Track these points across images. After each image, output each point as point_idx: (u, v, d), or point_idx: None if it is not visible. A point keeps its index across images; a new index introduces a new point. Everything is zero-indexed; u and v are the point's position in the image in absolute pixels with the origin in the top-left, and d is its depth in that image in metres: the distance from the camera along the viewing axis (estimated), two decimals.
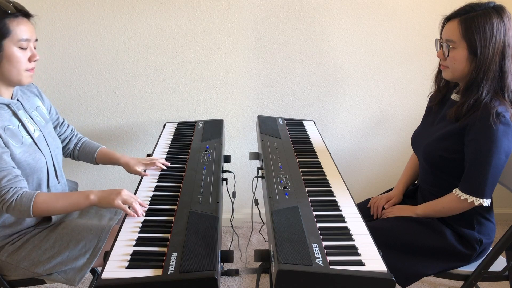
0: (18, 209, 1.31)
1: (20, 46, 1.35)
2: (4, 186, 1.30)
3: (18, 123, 1.43)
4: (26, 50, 1.37)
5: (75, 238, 1.46)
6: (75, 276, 1.45)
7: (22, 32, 1.35)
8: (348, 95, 2.40)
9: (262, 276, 2.16)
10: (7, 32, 1.32)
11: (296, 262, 1.06)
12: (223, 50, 2.28)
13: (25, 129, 1.44)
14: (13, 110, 1.43)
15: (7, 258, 1.45)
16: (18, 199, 1.31)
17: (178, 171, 1.62)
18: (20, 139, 1.41)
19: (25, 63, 1.38)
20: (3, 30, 1.31)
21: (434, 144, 1.50)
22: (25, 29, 1.35)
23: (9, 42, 1.33)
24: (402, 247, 1.49)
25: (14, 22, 1.33)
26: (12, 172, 1.33)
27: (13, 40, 1.33)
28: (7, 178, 1.31)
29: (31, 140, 1.45)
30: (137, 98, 2.34)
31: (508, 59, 1.37)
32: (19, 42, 1.34)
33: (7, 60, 1.34)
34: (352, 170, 2.57)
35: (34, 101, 1.56)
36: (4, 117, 1.39)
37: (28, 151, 1.42)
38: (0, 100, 1.39)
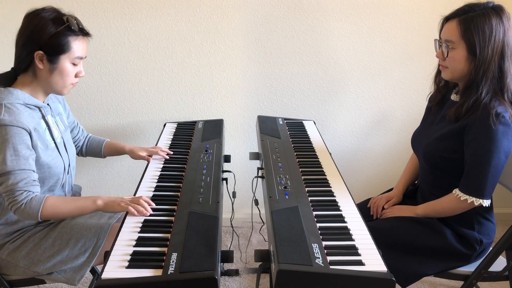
0: (27, 212, 1.33)
1: (74, 63, 1.42)
2: (20, 187, 1.32)
3: (45, 127, 1.47)
4: (76, 66, 1.43)
5: (74, 236, 1.47)
6: (75, 275, 1.45)
7: (79, 50, 1.41)
8: (348, 95, 2.40)
9: (262, 276, 2.16)
10: (67, 49, 1.38)
11: (296, 262, 1.06)
12: (223, 50, 2.28)
13: (50, 133, 1.48)
14: (43, 113, 1.47)
15: (7, 257, 1.46)
16: (28, 203, 1.32)
17: (178, 171, 1.62)
18: (46, 142, 1.44)
19: (73, 78, 1.44)
20: (65, 46, 1.37)
21: (434, 144, 1.50)
22: (82, 48, 1.42)
23: (66, 58, 1.39)
24: (402, 247, 1.49)
25: (76, 41, 1.40)
26: (32, 175, 1.35)
27: (70, 56, 1.40)
28: (25, 181, 1.33)
29: (54, 145, 1.49)
30: (137, 98, 2.34)
31: (508, 59, 1.37)
32: (74, 59, 1.41)
33: (59, 73, 1.40)
34: (352, 170, 2.57)
35: (58, 107, 1.60)
36: (34, 119, 1.42)
37: (51, 155, 1.45)
38: (35, 102, 1.42)
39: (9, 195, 1.32)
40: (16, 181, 1.32)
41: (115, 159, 2.44)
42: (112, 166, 2.47)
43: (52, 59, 1.37)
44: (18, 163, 1.32)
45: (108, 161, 2.45)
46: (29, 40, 1.36)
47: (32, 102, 1.41)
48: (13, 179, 1.31)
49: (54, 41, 1.36)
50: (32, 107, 1.42)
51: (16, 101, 1.37)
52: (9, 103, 1.35)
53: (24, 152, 1.33)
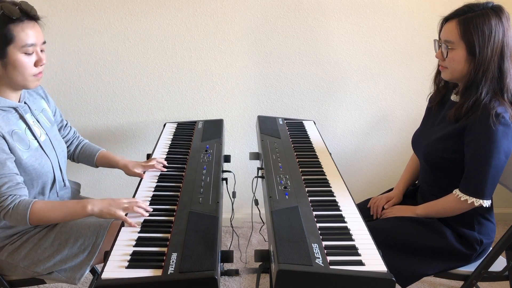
0: (14, 217, 1.30)
1: (25, 52, 1.31)
2: (4, 193, 1.29)
3: (25, 126, 1.41)
4: (31, 55, 1.33)
5: (73, 235, 1.46)
6: (75, 274, 1.45)
7: (27, 37, 1.30)
8: (348, 95, 2.40)
9: (262, 276, 2.16)
10: (11, 38, 1.28)
11: (296, 262, 1.06)
12: (223, 50, 2.28)
13: (31, 133, 1.43)
14: (20, 113, 1.41)
15: (7, 258, 1.45)
16: (15, 207, 1.29)
17: (178, 171, 1.62)
18: (27, 143, 1.39)
19: (31, 68, 1.34)
20: (7, 36, 1.27)
21: (434, 144, 1.50)
22: (30, 34, 1.31)
23: (14, 48, 1.29)
24: (402, 247, 1.49)
25: (19, 27, 1.29)
26: (14, 179, 1.31)
27: (17, 46, 1.29)
28: (8, 185, 1.29)
29: (38, 144, 1.44)
30: (137, 98, 2.34)
31: (507, 59, 1.37)
32: (23, 48, 1.30)
33: (12, 66, 1.31)
34: (352, 170, 2.57)
35: (40, 104, 1.54)
36: (11, 121, 1.37)
37: (34, 156, 1.41)
38: (8, 104, 1.37)
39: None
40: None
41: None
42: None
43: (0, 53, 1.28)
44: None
45: None
46: None
47: (4, 104, 1.35)
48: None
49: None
50: (6, 108, 1.36)
51: None
52: None
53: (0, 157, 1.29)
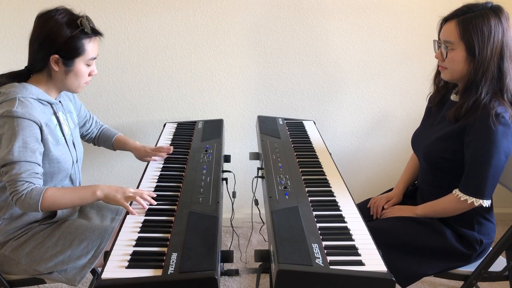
0: (27, 202, 1.34)
1: (88, 64, 1.44)
2: (23, 178, 1.34)
3: (56, 123, 1.49)
4: (90, 67, 1.46)
5: (78, 237, 1.47)
6: (76, 275, 1.45)
7: (93, 52, 1.44)
8: (348, 95, 2.40)
9: (262, 276, 2.16)
10: (82, 52, 1.40)
11: (296, 262, 1.06)
12: (223, 50, 2.28)
13: (61, 129, 1.50)
14: (55, 110, 1.49)
15: (10, 253, 1.46)
16: (28, 193, 1.33)
17: (178, 171, 1.62)
18: (57, 138, 1.47)
19: (86, 77, 1.47)
20: (80, 49, 1.40)
21: (434, 145, 1.50)
22: (95, 48, 1.44)
23: (81, 60, 1.42)
24: (402, 247, 1.49)
25: (89, 42, 1.42)
26: (35, 168, 1.36)
27: (85, 58, 1.42)
28: (29, 172, 1.34)
29: (64, 141, 1.51)
30: (137, 98, 2.34)
31: (507, 59, 1.37)
32: (88, 61, 1.43)
33: (74, 75, 1.43)
34: (352, 170, 2.57)
35: (68, 105, 1.62)
36: (46, 114, 1.44)
37: (61, 151, 1.47)
38: (47, 99, 1.45)
39: (11, 184, 1.33)
40: (20, 171, 1.33)
41: (115, 158, 2.44)
42: (112, 166, 2.47)
43: (68, 62, 1.40)
44: (24, 155, 1.33)
45: (108, 161, 2.45)
46: (44, 44, 1.37)
47: (45, 98, 1.44)
48: (17, 169, 1.33)
49: (69, 45, 1.38)
50: (45, 103, 1.45)
51: (30, 96, 1.39)
52: (23, 97, 1.37)
53: (32, 145, 1.35)
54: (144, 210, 1.36)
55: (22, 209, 1.38)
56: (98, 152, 2.40)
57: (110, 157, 2.44)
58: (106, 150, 1.88)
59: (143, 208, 1.37)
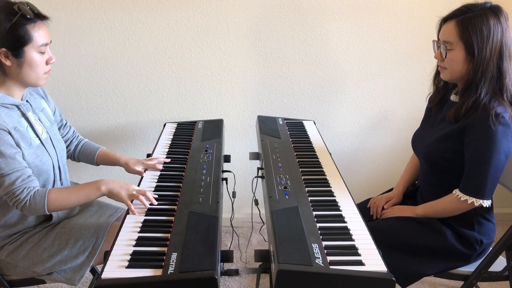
0: (33, 207, 1.33)
1: (40, 51, 1.36)
2: (19, 186, 1.32)
3: (27, 124, 1.43)
4: (44, 54, 1.38)
5: (73, 236, 1.47)
6: (75, 275, 1.45)
7: (42, 37, 1.35)
8: (348, 95, 2.40)
9: (262, 276, 2.16)
10: (29, 39, 1.32)
11: (296, 262, 1.06)
12: (223, 50, 2.28)
13: (33, 130, 1.44)
14: (23, 111, 1.42)
15: (6, 257, 1.46)
16: (32, 199, 1.33)
17: (178, 171, 1.62)
18: (29, 140, 1.41)
19: (44, 66, 1.39)
20: (25, 37, 1.32)
21: (434, 145, 1.50)
22: (43, 34, 1.36)
23: (30, 48, 1.34)
24: (402, 247, 1.49)
25: (35, 28, 1.33)
26: (25, 172, 1.34)
27: (34, 46, 1.34)
28: (21, 178, 1.32)
29: (39, 141, 1.45)
30: (137, 98, 2.34)
31: (506, 59, 1.37)
32: (39, 47, 1.35)
33: (28, 65, 1.35)
34: (352, 170, 2.57)
35: (40, 103, 1.55)
36: (13, 118, 1.39)
37: (36, 153, 1.42)
38: (11, 101, 1.38)
39: (10, 196, 1.32)
40: (12, 181, 1.31)
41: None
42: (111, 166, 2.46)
43: (17, 53, 1.32)
44: (7, 164, 1.30)
45: None
46: None
47: (8, 101, 1.37)
48: (8, 180, 1.31)
49: (12, 35, 1.30)
50: (9, 106, 1.38)
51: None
52: None
53: (9, 151, 1.31)
54: (145, 209, 1.36)
55: (29, 214, 1.38)
56: None
57: None
58: None
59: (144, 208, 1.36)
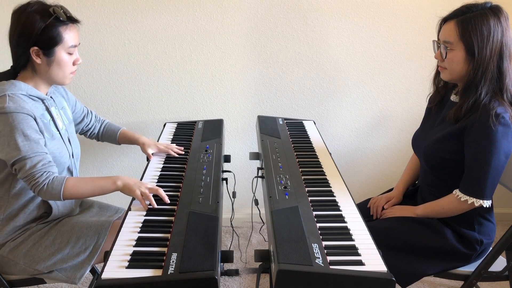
0: (49, 192, 1.36)
1: (69, 52, 1.44)
2: (40, 169, 1.35)
3: (49, 118, 1.49)
4: (72, 55, 1.46)
5: (75, 235, 1.48)
6: (76, 273, 1.46)
7: (72, 39, 1.43)
8: (348, 95, 2.40)
9: (262, 276, 2.16)
10: (60, 40, 1.40)
11: (296, 262, 1.06)
12: (223, 50, 2.28)
13: (54, 124, 1.51)
14: (47, 105, 1.49)
15: (8, 254, 1.46)
16: (50, 183, 1.36)
17: (178, 171, 1.62)
18: (51, 132, 1.47)
19: (71, 66, 1.46)
20: (57, 38, 1.39)
21: (434, 145, 1.50)
22: (74, 36, 1.44)
23: (61, 49, 1.41)
24: (402, 247, 1.49)
25: (66, 29, 1.41)
26: (46, 157, 1.38)
27: (64, 46, 1.41)
28: (42, 163, 1.36)
29: (59, 135, 1.51)
30: (137, 98, 2.35)
31: (506, 59, 1.37)
32: (68, 49, 1.43)
33: (57, 65, 1.42)
34: (352, 170, 2.57)
35: (61, 102, 1.62)
36: (38, 110, 1.45)
37: (56, 145, 1.48)
38: (37, 94, 1.45)
39: (30, 179, 1.35)
40: (33, 164, 1.35)
41: (115, 158, 2.44)
42: (112, 166, 2.47)
43: (48, 52, 1.40)
44: (31, 147, 1.35)
45: (108, 160, 2.45)
46: (21, 38, 1.37)
47: (34, 94, 1.44)
48: (30, 163, 1.34)
49: (45, 35, 1.37)
50: (35, 98, 1.45)
51: (19, 92, 1.40)
52: (13, 93, 1.38)
53: (34, 136, 1.36)
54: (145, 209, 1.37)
55: (44, 198, 1.42)
56: (98, 152, 2.40)
57: (110, 156, 2.44)
58: (106, 149, 1.88)
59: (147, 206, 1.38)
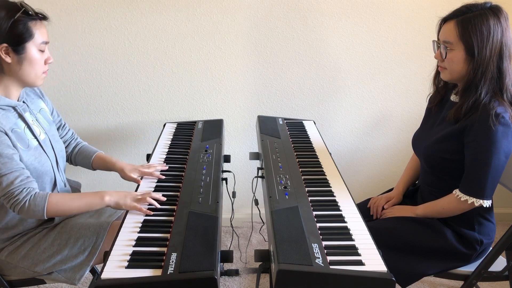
0: (32, 209, 1.30)
1: (40, 49, 1.37)
2: (18, 186, 1.29)
3: (24, 125, 1.41)
4: (44, 53, 1.39)
5: (73, 236, 1.46)
6: (75, 274, 1.45)
7: (42, 35, 1.37)
8: (348, 95, 2.40)
9: (262, 276, 2.16)
10: (30, 35, 1.33)
11: (296, 262, 1.06)
12: (223, 50, 2.28)
13: (31, 131, 1.43)
14: (19, 112, 1.41)
15: (7, 258, 1.45)
16: (32, 200, 1.29)
17: (178, 171, 1.62)
18: (26, 142, 1.39)
19: (43, 65, 1.40)
20: (28, 33, 1.33)
21: (434, 145, 1.50)
22: (44, 32, 1.38)
23: (32, 45, 1.35)
24: (402, 247, 1.49)
25: (36, 25, 1.35)
26: (24, 172, 1.32)
27: (35, 43, 1.35)
28: (20, 179, 1.30)
29: (37, 143, 1.44)
30: (137, 98, 2.34)
31: (506, 59, 1.37)
32: (40, 45, 1.36)
33: (29, 63, 1.36)
34: (352, 170, 2.57)
35: (37, 103, 1.54)
36: (10, 119, 1.37)
37: (34, 155, 1.40)
38: (7, 102, 1.37)
39: (9, 196, 1.29)
40: (10, 181, 1.28)
41: None
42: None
43: (18, 49, 1.32)
44: (4, 165, 1.28)
45: None
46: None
47: (4, 103, 1.36)
48: (6, 181, 1.28)
49: (15, 30, 1.30)
50: (5, 107, 1.36)
51: None
52: None
53: (6, 152, 1.29)
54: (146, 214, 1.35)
55: (26, 217, 1.34)
56: None
57: None
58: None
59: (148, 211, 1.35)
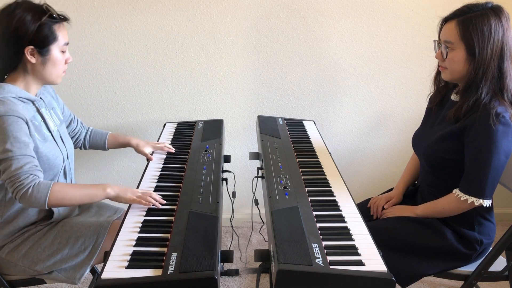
0: (34, 196, 1.29)
1: (62, 50, 1.43)
2: (26, 171, 1.30)
3: (41, 119, 1.47)
4: (64, 53, 1.45)
5: (74, 235, 1.47)
6: (75, 274, 1.45)
7: (64, 37, 1.43)
8: (348, 95, 2.40)
9: (262, 276, 2.16)
10: (54, 38, 1.39)
11: (296, 262, 1.06)
12: (223, 50, 2.28)
13: (46, 126, 1.48)
14: (37, 107, 1.47)
15: (7, 256, 1.46)
16: (36, 186, 1.30)
17: (178, 171, 1.62)
18: (43, 134, 1.45)
19: (63, 65, 1.46)
20: (52, 36, 1.39)
21: (434, 145, 1.50)
22: (65, 34, 1.44)
23: (55, 47, 1.41)
24: (402, 247, 1.49)
25: (59, 28, 1.41)
26: (34, 161, 1.34)
27: (59, 44, 1.41)
28: (29, 165, 1.32)
29: (52, 137, 1.49)
30: (137, 98, 2.34)
31: (507, 59, 1.37)
32: (62, 47, 1.43)
33: (52, 63, 1.42)
34: (352, 170, 2.57)
35: (51, 102, 1.59)
36: (29, 112, 1.42)
37: (49, 147, 1.45)
38: (27, 96, 1.42)
39: (14, 180, 1.29)
40: (19, 165, 1.30)
41: (115, 158, 2.44)
42: (112, 166, 2.47)
43: (43, 51, 1.38)
44: (20, 149, 1.31)
45: (107, 161, 2.45)
46: (13, 38, 1.34)
47: (24, 96, 1.41)
48: (16, 164, 1.29)
49: (41, 33, 1.36)
50: (25, 100, 1.42)
51: (9, 95, 1.37)
52: (2, 97, 1.35)
53: (24, 139, 1.33)
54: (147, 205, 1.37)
55: (27, 205, 1.33)
56: (96, 153, 2.40)
57: (110, 157, 2.44)
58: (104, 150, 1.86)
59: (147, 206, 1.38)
